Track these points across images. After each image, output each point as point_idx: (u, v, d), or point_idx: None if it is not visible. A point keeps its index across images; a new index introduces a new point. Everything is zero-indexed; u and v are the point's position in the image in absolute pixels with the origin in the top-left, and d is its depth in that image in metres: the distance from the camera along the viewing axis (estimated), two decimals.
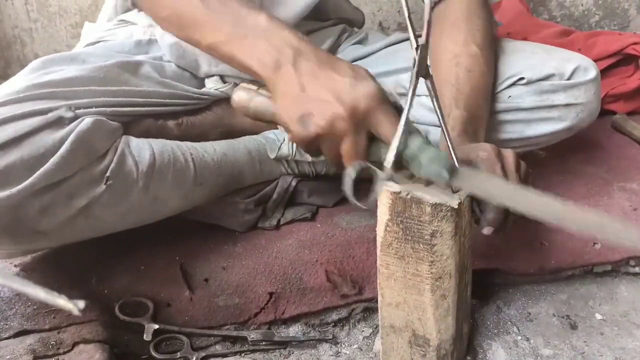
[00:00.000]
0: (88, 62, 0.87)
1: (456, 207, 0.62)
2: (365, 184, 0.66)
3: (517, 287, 0.87)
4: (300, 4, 0.99)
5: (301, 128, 0.68)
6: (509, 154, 0.73)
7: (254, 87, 0.77)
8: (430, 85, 0.66)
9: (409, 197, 0.63)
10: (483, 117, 0.88)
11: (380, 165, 0.65)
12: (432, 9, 0.98)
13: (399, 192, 0.63)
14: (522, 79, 0.94)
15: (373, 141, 0.69)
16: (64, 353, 0.71)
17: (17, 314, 0.77)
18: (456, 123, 0.81)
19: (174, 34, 0.86)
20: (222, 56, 0.77)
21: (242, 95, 0.77)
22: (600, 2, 1.80)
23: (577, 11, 1.82)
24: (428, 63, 0.65)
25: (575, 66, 0.95)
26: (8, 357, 0.70)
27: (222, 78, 1.00)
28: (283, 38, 0.71)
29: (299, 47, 0.71)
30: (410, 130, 0.64)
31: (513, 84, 0.94)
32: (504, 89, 0.95)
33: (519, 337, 0.78)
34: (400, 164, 0.64)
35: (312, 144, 0.70)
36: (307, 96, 0.68)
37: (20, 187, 0.70)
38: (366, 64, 1.02)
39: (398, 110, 0.68)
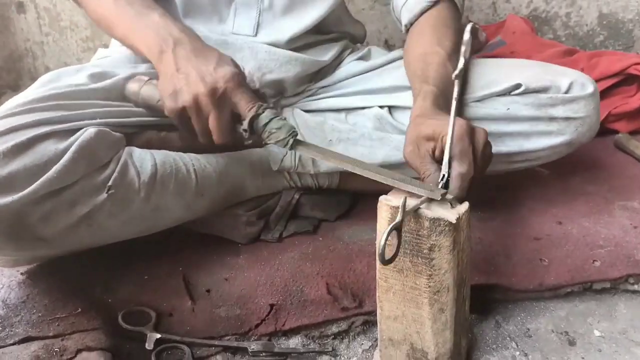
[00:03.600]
0: (96, 74, 0.90)
1: (454, 222, 0.63)
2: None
3: (516, 302, 0.87)
4: (306, 21, 1.02)
5: (172, 101, 0.81)
6: (480, 134, 0.77)
7: (145, 79, 0.87)
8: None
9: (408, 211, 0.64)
10: (451, 98, 0.89)
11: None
12: (407, 29, 1.06)
13: (398, 207, 0.64)
14: (518, 86, 0.94)
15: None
16: None
17: (22, 321, 0.78)
18: (427, 95, 0.85)
19: (108, 34, 0.97)
20: (128, 47, 0.92)
21: (132, 85, 0.88)
22: (604, 22, 1.81)
23: (582, 31, 1.83)
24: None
25: (571, 80, 0.96)
26: None
27: None
28: (169, 30, 0.85)
29: (180, 37, 0.84)
30: (265, 106, 0.80)
31: (509, 93, 0.95)
32: (499, 96, 0.95)
33: (518, 353, 0.79)
34: (254, 131, 0.80)
35: (180, 117, 0.82)
36: (179, 75, 0.81)
37: (22, 193, 0.72)
38: (366, 79, 1.05)
39: (259, 96, 0.85)
